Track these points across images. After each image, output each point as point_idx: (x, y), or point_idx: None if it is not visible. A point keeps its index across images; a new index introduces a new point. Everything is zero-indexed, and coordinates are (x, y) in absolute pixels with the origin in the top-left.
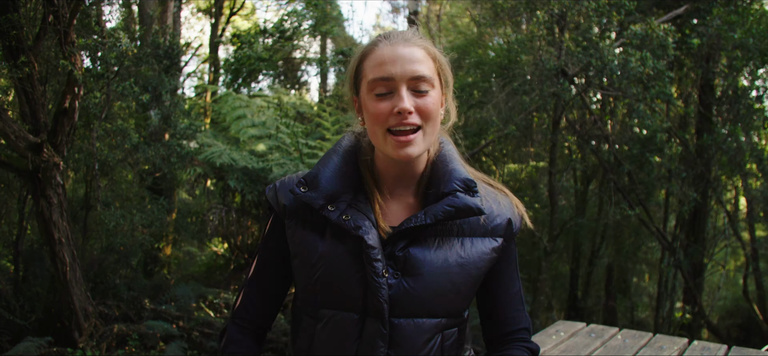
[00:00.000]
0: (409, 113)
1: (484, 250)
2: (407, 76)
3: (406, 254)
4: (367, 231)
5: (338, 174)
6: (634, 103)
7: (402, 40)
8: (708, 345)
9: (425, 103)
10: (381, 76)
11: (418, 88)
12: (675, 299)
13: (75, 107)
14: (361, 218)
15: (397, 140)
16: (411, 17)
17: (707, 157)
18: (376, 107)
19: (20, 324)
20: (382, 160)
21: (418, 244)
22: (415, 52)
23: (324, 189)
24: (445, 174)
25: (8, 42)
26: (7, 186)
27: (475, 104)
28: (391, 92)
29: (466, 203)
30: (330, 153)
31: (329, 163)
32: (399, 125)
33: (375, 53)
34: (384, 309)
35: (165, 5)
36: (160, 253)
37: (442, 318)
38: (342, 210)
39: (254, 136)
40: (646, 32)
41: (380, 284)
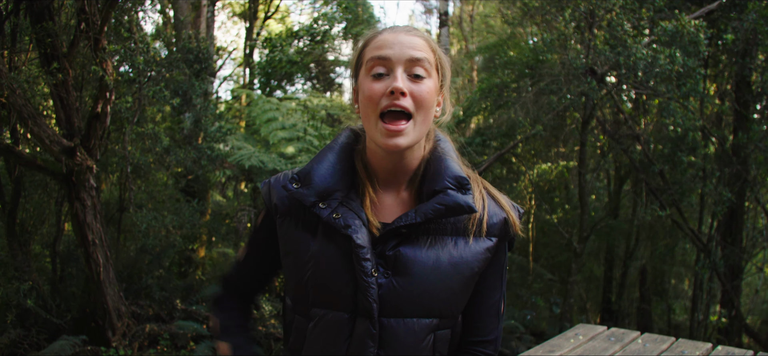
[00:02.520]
0: (402, 94)
1: (478, 250)
2: (405, 57)
3: (397, 253)
4: (357, 230)
5: (332, 170)
6: (665, 101)
7: (404, 29)
8: (733, 351)
9: (420, 89)
10: (378, 55)
11: (414, 72)
12: (712, 302)
13: (107, 112)
14: (351, 216)
15: (387, 128)
16: (443, 18)
17: (743, 155)
18: (370, 87)
19: (56, 323)
20: (375, 153)
21: (409, 243)
22: (416, 40)
23: (316, 186)
24: (439, 171)
25: (44, 49)
26: (46, 188)
27: (503, 104)
28: (387, 73)
29: (456, 201)
30: (325, 149)
31: (324, 159)
32: (391, 106)
33: (376, 38)
34: (373, 309)
35: (198, 10)
36: (194, 255)
37: (434, 319)
38: (333, 207)
39: (284, 139)
40: (676, 29)
41: (369, 283)
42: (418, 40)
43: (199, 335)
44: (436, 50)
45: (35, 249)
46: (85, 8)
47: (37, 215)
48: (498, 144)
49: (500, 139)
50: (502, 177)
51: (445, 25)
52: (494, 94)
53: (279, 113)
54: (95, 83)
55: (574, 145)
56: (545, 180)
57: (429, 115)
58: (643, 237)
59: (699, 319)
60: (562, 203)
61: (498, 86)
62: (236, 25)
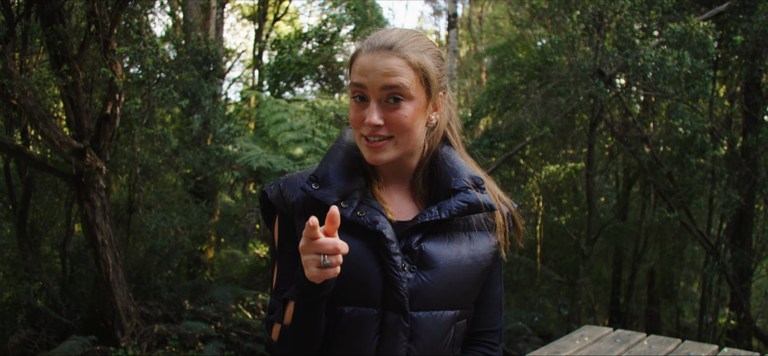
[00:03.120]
0: (376, 127)
1: (489, 244)
2: (378, 85)
3: (422, 248)
4: (384, 226)
5: (345, 170)
6: (674, 103)
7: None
8: (739, 353)
9: (397, 115)
10: (355, 82)
11: (391, 97)
12: (721, 305)
13: (116, 113)
14: (375, 213)
15: (368, 145)
16: (451, 19)
17: (753, 157)
18: (352, 112)
19: (66, 323)
20: None
21: (431, 238)
22: (392, 62)
23: (336, 186)
24: (452, 170)
25: (54, 51)
26: (56, 190)
27: (511, 106)
28: (366, 100)
29: (478, 200)
30: (334, 149)
31: (335, 158)
32: (370, 135)
33: (358, 58)
34: (405, 303)
35: (208, 12)
36: (203, 256)
37: (457, 310)
38: (355, 207)
39: (292, 140)
40: (685, 30)
41: (400, 278)
42: (395, 61)
43: (208, 335)
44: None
45: (45, 249)
46: (95, 10)
47: (48, 216)
48: (506, 145)
49: (508, 140)
50: (510, 178)
51: (454, 27)
52: (502, 95)
53: (287, 115)
54: (105, 85)
55: (582, 146)
56: (553, 182)
57: (412, 133)
58: (652, 239)
59: (708, 322)
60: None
61: (506, 88)
62: (245, 27)
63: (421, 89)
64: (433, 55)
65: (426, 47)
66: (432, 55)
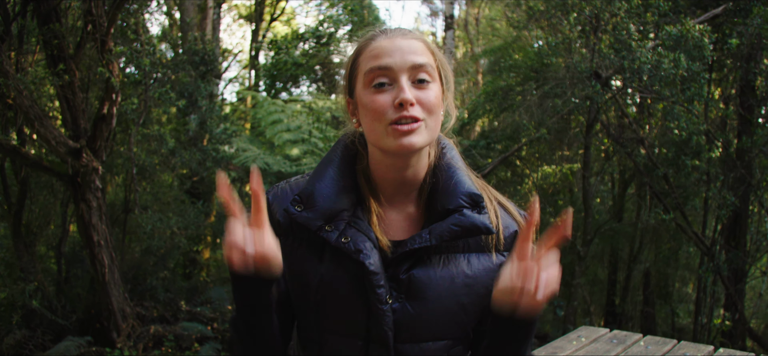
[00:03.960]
0: (411, 104)
1: (491, 267)
2: (407, 64)
3: (410, 276)
4: (369, 255)
5: (335, 188)
6: (670, 105)
7: (399, 33)
8: (735, 353)
9: (427, 95)
10: (378, 65)
11: (418, 77)
12: (716, 306)
13: (113, 113)
14: (361, 239)
15: (398, 128)
16: (448, 20)
17: (748, 159)
18: (374, 100)
19: (62, 324)
20: (379, 165)
21: (421, 265)
22: (414, 43)
23: (321, 207)
24: (450, 186)
25: (50, 51)
26: (51, 190)
27: (508, 107)
28: (390, 84)
29: (473, 222)
30: (325, 163)
31: (324, 176)
32: (401, 118)
33: (371, 46)
34: (389, 337)
35: (204, 12)
36: (199, 256)
37: (449, 341)
38: (341, 230)
39: (289, 141)
40: (681, 33)
41: (384, 311)
42: (417, 43)
43: (204, 336)
44: (435, 52)
45: (40, 250)
46: (92, 10)
47: (43, 216)
48: (502, 147)
49: (505, 141)
50: (507, 180)
51: (451, 28)
52: (499, 96)
53: (284, 115)
54: (101, 85)
55: (578, 148)
56: (549, 183)
57: (438, 119)
58: (647, 240)
59: (703, 322)
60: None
61: (503, 89)
62: (242, 27)
63: (438, 77)
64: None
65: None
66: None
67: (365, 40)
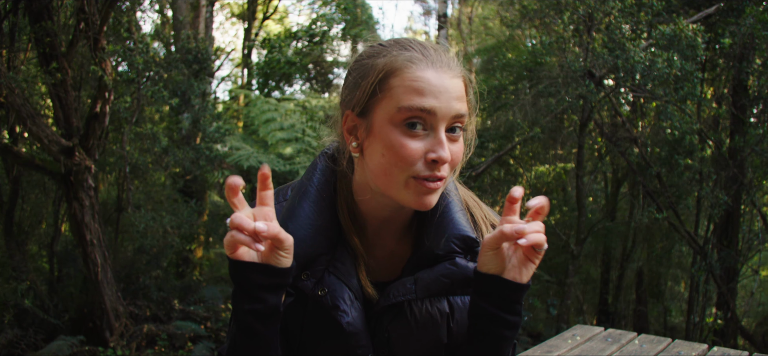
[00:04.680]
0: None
1: None
2: (452, 113)
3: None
4: (347, 311)
5: (311, 229)
6: (663, 104)
7: (446, 65)
8: (728, 352)
9: (458, 150)
10: (422, 107)
11: (454, 127)
12: (708, 304)
13: (105, 112)
14: (339, 290)
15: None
16: (441, 19)
17: (740, 159)
18: (405, 145)
19: (54, 323)
20: (370, 202)
21: (404, 319)
22: (459, 85)
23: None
24: (441, 225)
25: (43, 49)
26: (43, 189)
27: (501, 106)
28: (426, 130)
29: (465, 275)
30: (300, 196)
31: (299, 213)
32: (431, 177)
33: (413, 71)
34: None
35: (197, 10)
36: (191, 255)
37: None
38: (318, 277)
39: (282, 139)
40: (674, 32)
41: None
42: (460, 83)
43: (197, 335)
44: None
45: (32, 249)
46: (84, 8)
47: (34, 215)
48: (496, 146)
49: (498, 140)
50: (500, 178)
51: (444, 27)
52: (492, 95)
53: (277, 114)
54: (94, 83)
55: (571, 147)
56: (543, 182)
57: None
58: (640, 239)
59: (695, 321)
60: (560, 205)
61: (496, 88)
62: (234, 25)
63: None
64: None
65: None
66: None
67: (404, 61)
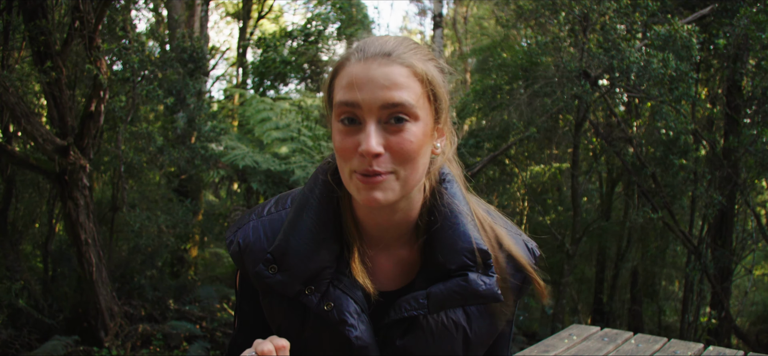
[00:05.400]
0: (374, 156)
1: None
2: (377, 103)
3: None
4: (355, 325)
5: (314, 242)
6: (658, 104)
7: (380, 54)
8: (724, 351)
9: (401, 141)
10: (346, 101)
11: (392, 118)
12: (702, 304)
13: (100, 111)
14: (346, 303)
15: (363, 182)
16: (437, 19)
17: (734, 159)
18: (339, 141)
19: (48, 323)
20: (361, 208)
21: (416, 328)
22: (395, 72)
23: (298, 270)
24: (452, 238)
25: (37, 48)
26: (37, 188)
27: (497, 106)
28: (359, 121)
29: (478, 291)
30: (300, 208)
31: (300, 226)
32: (364, 171)
33: (345, 69)
34: None
35: (192, 10)
36: (186, 255)
37: None
38: (323, 291)
39: (278, 139)
40: (669, 33)
41: None
42: (397, 70)
43: (193, 335)
44: (425, 76)
45: (26, 248)
46: (79, 6)
47: (28, 214)
48: (491, 145)
49: (494, 140)
50: (495, 178)
51: (440, 27)
52: (488, 95)
53: (273, 113)
54: (88, 82)
55: (567, 147)
56: (538, 182)
57: (418, 164)
58: (635, 239)
59: (689, 321)
60: (555, 205)
61: (491, 88)
62: (229, 25)
63: (429, 107)
64: (438, 67)
65: (429, 57)
66: (437, 68)
67: (342, 60)
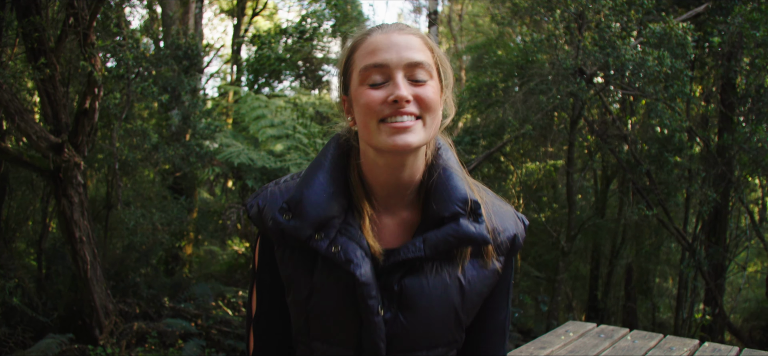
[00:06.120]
0: (406, 101)
1: (486, 274)
2: (403, 62)
3: (402, 286)
4: (359, 264)
5: (325, 194)
6: (653, 102)
7: (396, 28)
8: (719, 347)
9: (425, 91)
10: (374, 63)
11: (415, 76)
12: (696, 301)
13: (95, 108)
14: (352, 247)
15: (394, 127)
16: (432, 16)
17: (728, 156)
18: (368, 96)
19: (43, 321)
20: (374, 166)
21: (414, 273)
22: (412, 39)
23: (310, 216)
24: (445, 191)
25: (31, 44)
26: (31, 185)
27: (493, 103)
28: (386, 81)
29: (469, 233)
30: (314, 167)
31: (314, 181)
32: (395, 115)
33: (366, 41)
34: (381, 348)
35: (186, 6)
36: (181, 252)
37: (443, 348)
38: (331, 238)
39: (273, 136)
40: (664, 31)
41: (376, 323)
42: (414, 38)
43: (188, 333)
44: (433, 49)
45: (20, 246)
46: (73, 3)
47: (22, 212)
48: (487, 142)
49: (489, 137)
50: (491, 175)
51: (435, 24)
52: (483, 93)
53: (268, 110)
54: (82, 79)
55: (562, 144)
56: (533, 179)
57: (437, 116)
58: (629, 236)
59: (683, 317)
60: (550, 202)
61: (487, 85)
62: (223, 22)
63: (436, 75)
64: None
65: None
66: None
67: (360, 36)
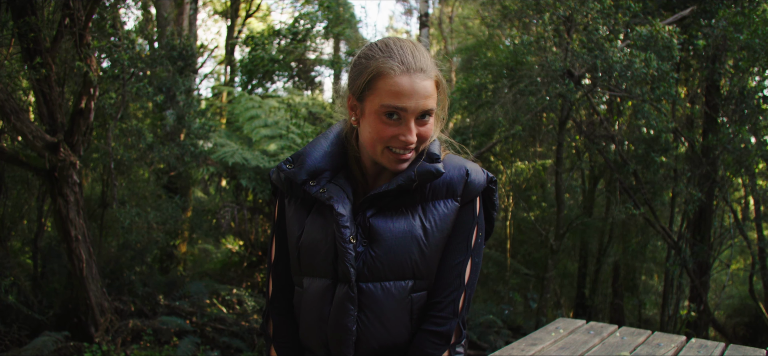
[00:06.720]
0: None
1: (446, 212)
2: (419, 109)
3: (371, 223)
4: (339, 202)
5: (323, 153)
6: (640, 103)
7: (420, 70)
8: (705, 343)
9: (426, 130)
10: (396, 106)
11: (423, 118)
12: (681, 298)
13: (91, 108)
14: (337, 191)
15: (397, 158)
16: (423, 19)
17: (713, 156)
18: (381, 128)
19: (38, 319)
20: (368, 157)
21: (382, 215)
22: (429, 86)
23: (308, 166)
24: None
25: (26, 44)
26: (27, 184)
27: (483, 104)
28: (399, 119)
29: (425, 168)
30: (320, 136)
31: (317, 145)
32: (400, 148)
33: (393, 79)
34: (351, 274)
35: (181, 8)
36: (176, 251)
37: (409, 281)
38: (321, 184)
39: (266, 136)
40: (651, 34)
41: (347, 249)
42: (430, 84)
43: (183, 330)
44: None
45: (15, 245)
46: (69, 3)
47: (17, 211)
48: (477, 143)
49: (479, 138)
50: None
51: (426, 26)
52: (473, 94)
53: (261, 111)
54: (78, 79)
55: (551, 144)
56: (522, 178)
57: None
58: (616, 234)
59: (669, 314)
60: (539, 201)
61: (477, 87)
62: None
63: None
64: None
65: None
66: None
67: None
